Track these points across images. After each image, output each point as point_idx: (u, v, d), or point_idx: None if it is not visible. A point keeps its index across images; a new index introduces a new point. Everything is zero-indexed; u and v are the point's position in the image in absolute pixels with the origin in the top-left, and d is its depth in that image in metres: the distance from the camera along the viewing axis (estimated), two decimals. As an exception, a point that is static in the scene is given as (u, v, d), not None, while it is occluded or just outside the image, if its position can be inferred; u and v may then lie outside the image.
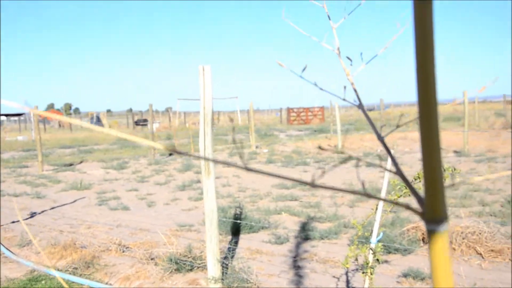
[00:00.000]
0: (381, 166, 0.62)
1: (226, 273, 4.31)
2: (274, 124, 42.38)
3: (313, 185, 0.49)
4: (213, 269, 4.02)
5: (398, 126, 0.77)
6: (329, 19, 0.77)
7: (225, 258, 4.82)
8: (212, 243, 3.97)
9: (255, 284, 4.22)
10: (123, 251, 5.22)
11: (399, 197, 2.79)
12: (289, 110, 42.68)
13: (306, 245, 5.58)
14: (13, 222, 7.22)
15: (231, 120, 3.07)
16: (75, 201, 9.04)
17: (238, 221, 6.27)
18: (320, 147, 0.73)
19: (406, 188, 2.77)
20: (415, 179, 2.77)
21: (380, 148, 16.51)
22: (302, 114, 42.02)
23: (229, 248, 5.52)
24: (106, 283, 4.47)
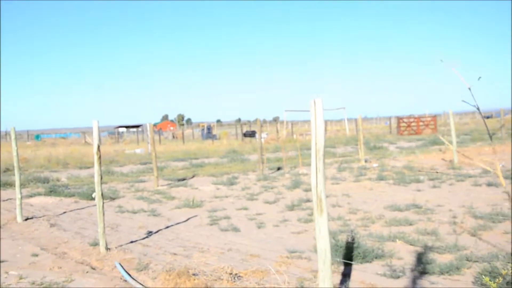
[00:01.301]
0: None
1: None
2: (383, 135, 41.16)
3: None
4: (327, 310, 3.85)
5: None
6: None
7: (338, 294, 4.62)
8: (325, 284, 3.81)
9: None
10: (235, 281, 5.22)
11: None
12: (399, 120, 41.29)
13: (424, 281, 5.22)
14: (132, 242, 7.55)
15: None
16: (188, 219, 9.29)
17: (351, 250, 6.04)
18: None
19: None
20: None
21: (502, 164, 15.32)
22: (412, 124, 40.44)
23: (341, 280, 5.32)
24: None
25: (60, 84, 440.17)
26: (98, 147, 6.49)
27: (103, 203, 6.70)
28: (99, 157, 6.51)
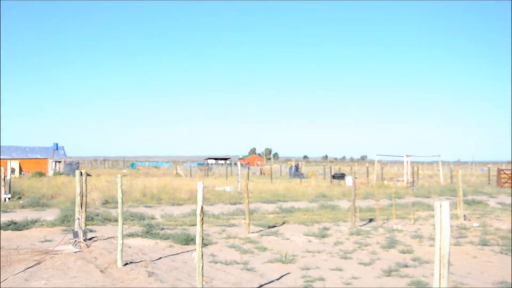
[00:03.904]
0: None
1: None
2: (481, 185, 38.92)
3: None
4: None
5: None
6: None
7: None
8: None
9: None
10: None
11: None
12: (499, 170, 38.99)
13: None
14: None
15: None
16: (280, 277, 9.14)
17: None
18: None
19: None
20: None
21: None
22: (515, 175, 37.99)
23: None
24: None
25: (152, 111, 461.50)
26: (202, 208, 6.56)
27: (202, 265, 6.73)
28: (202, 219, 6.57)
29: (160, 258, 10.62)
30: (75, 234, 11.37)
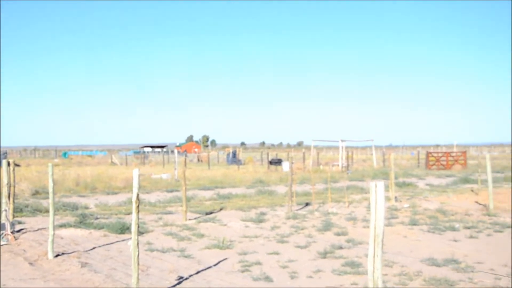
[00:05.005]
0: None
1: None
2: (411, 168, 40.53)
3: None
4: None
5: None
6: None
7: None
8: None
9: None
10: None
11: None
12: (428, 153, 40.72)
13: None
14: (163, 289, 7.40)
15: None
16: (218, 263, 9.14)
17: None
18: None
19: None
20: None
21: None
22: (442, 158, 39.80)
23: None
24: None
25: (85, 100, 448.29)
26: (138, 195, 6.41)
27: (138, 253, 6.59)
28: (138, 206, 6.42)
29: (94, 248, 10.33)
30: (2, 227, 10.84)
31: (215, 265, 9.02)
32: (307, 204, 17.66)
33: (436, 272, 8.21)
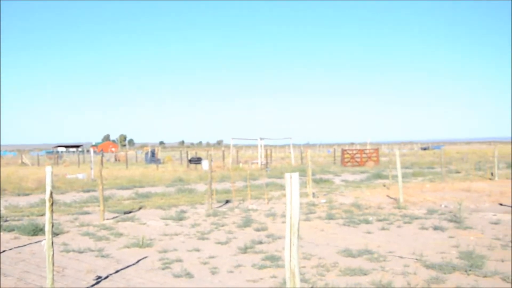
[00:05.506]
0: None
1: None
2: (328, 165, 41.84)
3: None
4: None
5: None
6: None
7: None
8: None
9: None
10: None
11: None
12: (343, 151, 42.20)
13: None
14: (80, 290, 7.18)
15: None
16: (138, 261, 8.98)
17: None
18: None
19: None
20: None
21: (444, 204, 15.84)
22: (356, 155, 41.40)
23: None
24: None
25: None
26: (51, 193, 6.17)
27: (53, 253, 6.35)
28: (51, 204, 6.19)
29: (4, 251, 9.82)
30: None
31: (134, 263, 8.86)
32: (227, 202, 17.75)
33: (351, 263, 8.56)
